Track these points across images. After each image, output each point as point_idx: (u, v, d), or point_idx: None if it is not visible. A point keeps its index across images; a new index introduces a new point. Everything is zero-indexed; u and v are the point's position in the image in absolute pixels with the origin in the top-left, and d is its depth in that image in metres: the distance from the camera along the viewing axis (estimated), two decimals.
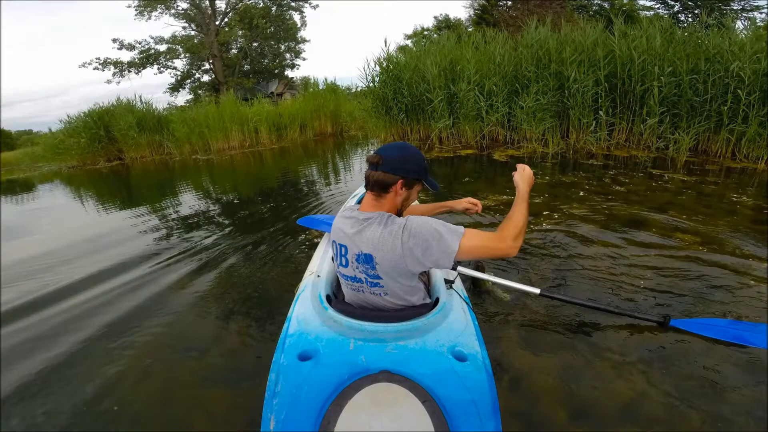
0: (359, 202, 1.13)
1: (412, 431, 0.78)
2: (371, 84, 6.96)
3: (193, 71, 20.91)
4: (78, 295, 2.34)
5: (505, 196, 3.36)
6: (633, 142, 5.06)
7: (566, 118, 5.46)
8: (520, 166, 1.16)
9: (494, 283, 1.55)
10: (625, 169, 4.11)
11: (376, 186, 1.01)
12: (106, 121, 9.64)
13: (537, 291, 1.43)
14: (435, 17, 20.48)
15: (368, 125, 7.83)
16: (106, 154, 10.03)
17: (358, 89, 8.36)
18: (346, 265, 1.04)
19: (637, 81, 4.69)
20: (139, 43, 18.45)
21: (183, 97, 20.71)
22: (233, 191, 5.25)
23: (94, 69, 18.05)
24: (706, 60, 4.29)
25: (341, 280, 1.10)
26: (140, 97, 10.06)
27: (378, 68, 6.78)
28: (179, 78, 20.60)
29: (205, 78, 21.28)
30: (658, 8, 12.99)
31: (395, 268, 0.96)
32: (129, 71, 18.54)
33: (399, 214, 1.07)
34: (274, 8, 20.40)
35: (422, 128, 6.66)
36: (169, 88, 20.71)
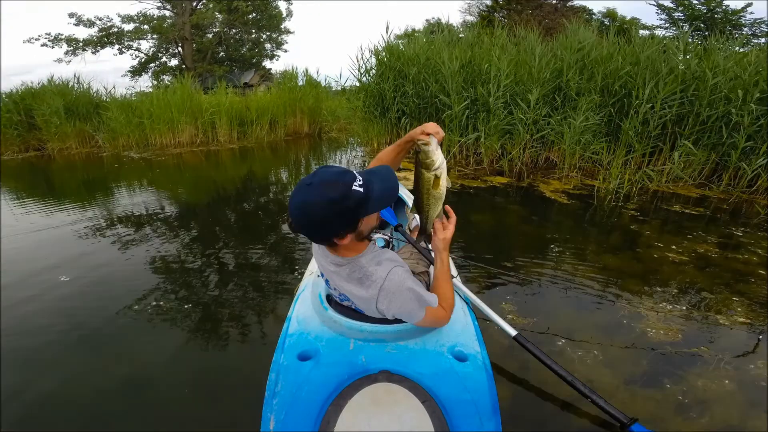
0: None
1: (412, 431, 0.89)
2: (363, 78, 6.37)
3: (160, 54, 20.66)
4: (73, 299, 2.46)
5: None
6: (697, 179, 4.59)
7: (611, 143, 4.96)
8: (446, 227, 1.06)
9: (474, 304, 1.56)
10: (752, 227, 3.42)
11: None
12: (28, 103, 8.98)
13: (513, 333, 1.46)
14: (427, 20, 21.19)
15: (355, 128, 7.32)
16: (24, 143, 9.32)
17: (346, 86, 7.80)
18: (334, 291, 1.12)
19: (704, 105, 4.37)
20: (100, 20, 18.15)
21: (146, 83, 20.41)
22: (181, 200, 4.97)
23: (41, 46, 17.64)
24: None
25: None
26: (78, 77, 9.50)
27: (374, 59, 6.19)
28: (142, 61, 20.30)
29: (173, 62, 21.07)
30: (667, 27, 13.94)
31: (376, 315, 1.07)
32: (84, 50, 18.18)
33: (368, 236, 1.02)
34: None
35: None
36: (129, 71, 20.38)
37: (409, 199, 2.15)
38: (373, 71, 6.36)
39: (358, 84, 6.70)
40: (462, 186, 4.65)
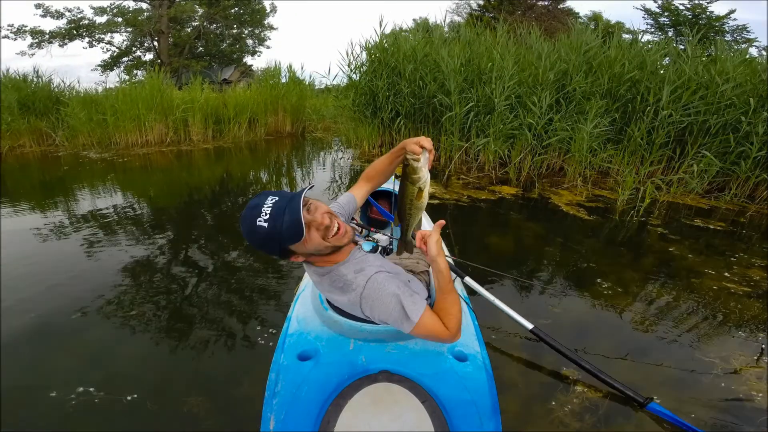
0: None
1: (412, 431, 0.93)
2: (353, 75, 6.27)
3: (134, 48, 20.36)
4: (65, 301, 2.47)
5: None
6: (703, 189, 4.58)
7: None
8: (426, 235, 0.98)
9: (489, 301, 1.72)
10: None
11: None
12: None
13: (530, 326, 1.57)
14: (414, 20, 21.53)
15: (342, 128, 7.16)
16: None
17: (332, 84, 7.70)
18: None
19: (711, 113, 4.43)
20: (70, 11, 17.78)
21: (117, 78, 20.05)
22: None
23: (3, 38, 17.10)
24: None
25: None
26: (37, 70, 9.14)
27: (365, 55, 6.09)
28: (114, 55, 19.96)
29: (148, 56, 20.77)
30: (653, 32, 14.53)
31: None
32: (51, 42, 17.76)
33: (339, 247, 1.02)
34: None
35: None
36: (99, 66, 20.05)
37: None
38: (365, 67, 6.20)
39: (346, 81, 6.52)
40: (470, 198, 4.36)
